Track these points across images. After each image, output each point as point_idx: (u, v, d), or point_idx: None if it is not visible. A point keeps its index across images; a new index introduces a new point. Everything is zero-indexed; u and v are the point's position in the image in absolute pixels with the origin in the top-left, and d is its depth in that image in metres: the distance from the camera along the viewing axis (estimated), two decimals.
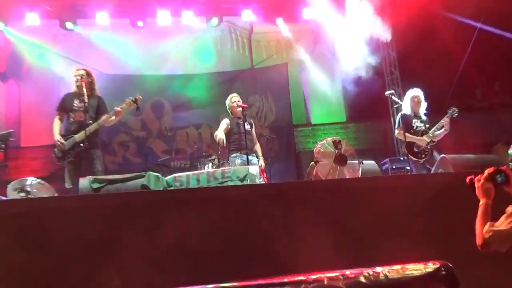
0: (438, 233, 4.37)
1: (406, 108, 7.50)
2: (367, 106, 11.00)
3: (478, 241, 2.90)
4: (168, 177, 5.28)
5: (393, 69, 11.63)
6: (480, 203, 3.00)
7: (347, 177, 5.58)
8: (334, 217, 4.39)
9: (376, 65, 10.88)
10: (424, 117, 7.52)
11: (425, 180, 5.27)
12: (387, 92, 7.98)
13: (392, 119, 11.22)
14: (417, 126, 7.42)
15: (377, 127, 12.10)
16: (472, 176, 3.10)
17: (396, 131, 7.58)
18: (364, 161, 5.92)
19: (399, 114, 7.54)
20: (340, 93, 12.24)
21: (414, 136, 7.28)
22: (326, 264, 2.88)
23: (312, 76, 12.08)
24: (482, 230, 2.89)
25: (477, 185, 3.04)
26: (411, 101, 7.49)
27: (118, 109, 6.32)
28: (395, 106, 7.99)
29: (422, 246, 4.15)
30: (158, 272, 3.97)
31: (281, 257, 4.10)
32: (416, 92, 7.54)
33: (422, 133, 7.32)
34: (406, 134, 7.23)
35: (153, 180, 5.02)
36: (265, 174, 6.96)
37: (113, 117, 6.34)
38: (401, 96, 10.51)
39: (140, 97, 6.41)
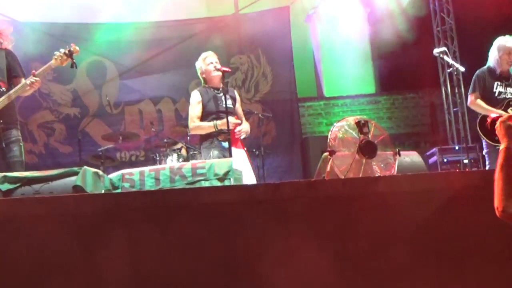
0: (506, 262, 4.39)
1: (489, 62, 7.40)
2: (407, 71, 11.03)
3: (499, 203, 3.03)
4: (113, 175, 5.26)
5: (446, 16, 11.65)
6: (501, 147, 3.19)
7: (377, 174, 5.58)
8: (356, 236, 4.39)
9: (420, 10, 10.90)
10: None
11: (491, 180, 5.26)
12: (436, 51, 7.96)
13: (443, 89, 11.26)
14: (500, 93, 7.35)
15: (421, 102, 12.16)
16: (495, 116, 3.32)
17: (470, 98, 7.49)
18: (402, 152, 5.92)
19: (476, 73, 7.47)
20: (367, 52, 12.25)
21: (492, 109, 7.18)
22: None
23: (327, 27, 12.06)
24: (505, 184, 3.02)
25: (499, 125, 3.22)
26: (502, 53, 7.37)
27: (32, 80, 6.23)
28: (449, 70, 7.97)
29: (484, 281, 4.20)
30: None
31: None
32: None
33: (508, 104, 7.24)
34: (482, 103, 7.22)
35: (91, 178, 5.00)
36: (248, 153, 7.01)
37: (28, 88, 6.28)
38: (457, 56, 10.56)
39: (77, 48, 6.35)
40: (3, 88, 6.24)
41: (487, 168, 7.30)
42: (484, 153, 7.38)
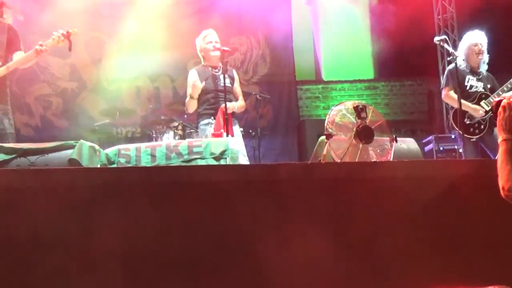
0: (500, 250, 4.40)
1: (459, 59, 7.51)
2: (407, 57, 11.00)
3: (505, 183, 3.06)
4: (109, 150, 5.24)
5: (447, 4, 11.61)
6: (502, 138, 3.16)
7: (373, 159, 5.58)
8: (350, 220, 4.39)
9: None
10: (484, 74, 7.58)
11: (485, 169, 5.25)
12: (436, 39, 7.96)
13: (441, 77, 11.24)
14: (471, 86, 7.49)
15: (419, 89, 12.15)
16: (502, 99, 3.25)
17: (444, 92, 7.65)
18: (399, 138, 5.92)
19: (448, 68, 7.66)
20: (367, 37, 12.22)
21: (466, 102, 7.30)
22: None
23: (327, 10, 12.02)
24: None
25: (502, 114, 3.18)
26: (468, 49, 7.55)
27: (40, 47, 6.25)
28: (448, 58, 7.99)
29: (477, 268, 4.22)
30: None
31: (268, 275, 4.13)
32: (477, 37, 7.59)
33: (480, 98, 7.36)
34: (455, 96, 7.29)
35: (87, 152, 4.98)
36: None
37: (32, 58, 6.30)
38: (457, 44, 10.53)
39: (75, 30, 6.36)
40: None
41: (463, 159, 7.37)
42: (458, 145, 7.53)
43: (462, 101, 7.22)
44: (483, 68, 7.59)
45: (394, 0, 11.07)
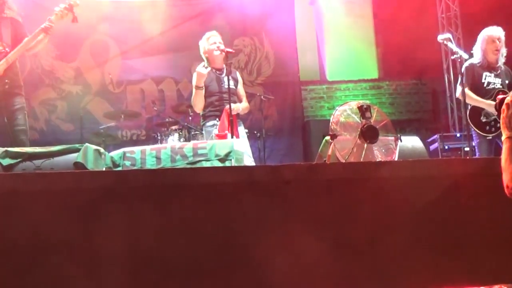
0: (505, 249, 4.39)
1: (476, 54, 7.41)
2: (411, 57, 11.00)
3: (510, 181, 3.09)
4: (114, 153, 5.25)
5: (451, 2, 11.60)
6: (506, 136, 3.20)
7: (378, 159, 5.58)
8: (356, 220, 4.38)
9: None
10: (502, 69, 7.43)
11: (491, 168, 5.24)
12: (440, 37, 7.92)
13: (446, 76, 11.24)
14: (489, 83, 7.34)
15: (424, 88, 12.14)
16: (505, 97, 3.28)
17: (459, 90, 7.47)
18: (403, 137, 5.92)
19: (464, 65, 7.47)
20: (371, 36, 12.21)
21: (482, 99, 7.21)
22: None
23: (330, 10, 12.01)
24: None
25: (506, 112, 3.20)
26: (486, 43, 7.39)
27: (46, 24, 6.21)
28: (452, 57, 7.94)
29: (482, 267, 4.21)
30: None
31: (273, 275, 4.13)
32: (496, 31, 7.42)
33: (497, 94, 7.20)
34: (471, 94, 7.19)
35: (92, 155, 4.99)
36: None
37: (41, 36, 6.26)
38: (461, 43, 10.53)
39: (77, 1, 6.31)
40: (7, 49, 6.21)
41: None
42: (474, 144, 7.41)
43: (476, 97, 7.15)
44: (501, 61, 7.42)
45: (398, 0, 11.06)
